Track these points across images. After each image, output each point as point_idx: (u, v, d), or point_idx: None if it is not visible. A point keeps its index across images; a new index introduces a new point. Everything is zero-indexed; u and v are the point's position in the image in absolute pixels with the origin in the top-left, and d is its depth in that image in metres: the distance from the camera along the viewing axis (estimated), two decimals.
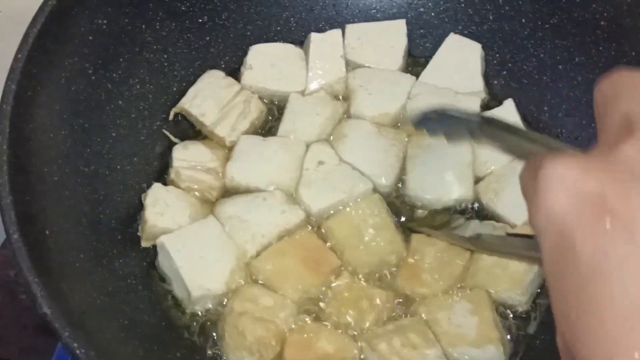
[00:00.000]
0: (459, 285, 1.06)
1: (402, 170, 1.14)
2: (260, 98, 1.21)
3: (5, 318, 1.17)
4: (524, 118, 1.18)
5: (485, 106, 1.20)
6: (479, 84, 1.21)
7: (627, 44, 1.07)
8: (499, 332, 1.01)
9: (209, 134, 1.18)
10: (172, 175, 1.13)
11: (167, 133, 1.17)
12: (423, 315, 1.02)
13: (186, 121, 1.19)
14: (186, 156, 1.14)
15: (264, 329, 1.00)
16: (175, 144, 1.16)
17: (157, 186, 1.11)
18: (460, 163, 1.13)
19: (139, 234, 1.08)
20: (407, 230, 1.10)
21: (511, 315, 1.05)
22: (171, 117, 1.18)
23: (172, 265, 1.04)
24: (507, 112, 1.17)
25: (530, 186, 0.52)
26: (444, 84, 1.20)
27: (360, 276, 1.06)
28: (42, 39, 0.97)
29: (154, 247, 1.07)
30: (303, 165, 1.14)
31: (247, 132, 1.17)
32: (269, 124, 1.21)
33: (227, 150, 1.16)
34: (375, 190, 1.13)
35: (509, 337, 1.03)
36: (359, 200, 1.11)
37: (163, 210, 1.08)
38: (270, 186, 1.12)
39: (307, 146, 1.16)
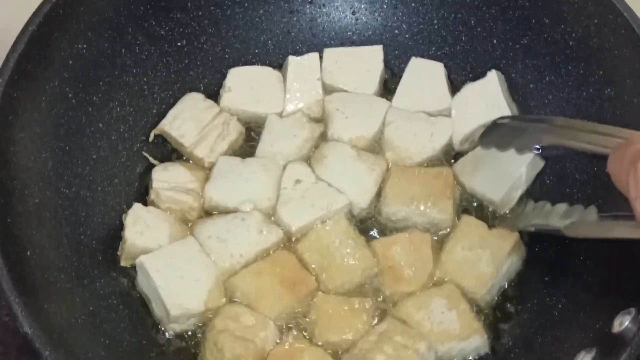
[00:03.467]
0: (434, 277, 1.08)
1: (379, 195, 1.16)
2: (239, 120, 1.22)
3: None
4: None
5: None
6: (447, 101, 1.23)
7: (595, 63, 1.09)
8: (480, 320, 1.04)
9: (189, 155, 1.19)
10: (152, 196, 1.14)
11: (147, 155, 1.19)
12: (404, 318, 1.04)
13: (166, 143, 1.21)
14: (166, 177, 1.15)
15: (243, 347, 1.01)
16: (155, 165, 1.18)
17: (137, 206, 1.12)
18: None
19: (118, 253, 1.09)
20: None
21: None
22: (151, 138, 1.19)
23: (151, 285, 1.05)
24: (491, 83, 1.20)
25: (630, 172, 0.61)
26: (416, 107, 1.23)
27: (334, 294, 1.08)
28: (23, 63, 0.98)
29: (135, 267, 1.08)
30: (281, 185, 1.15)
31: (225, 153, 1.19)
32: (247, 145, 1.22)
33: (206, 171, 1.18)
34: (351, 208, 1.14)
35: None
36: (335, 217, 1.12)
37: (143, 230, 1.09)
38: (248, 206, 1.13)
39: (285, 167, 1.17)
